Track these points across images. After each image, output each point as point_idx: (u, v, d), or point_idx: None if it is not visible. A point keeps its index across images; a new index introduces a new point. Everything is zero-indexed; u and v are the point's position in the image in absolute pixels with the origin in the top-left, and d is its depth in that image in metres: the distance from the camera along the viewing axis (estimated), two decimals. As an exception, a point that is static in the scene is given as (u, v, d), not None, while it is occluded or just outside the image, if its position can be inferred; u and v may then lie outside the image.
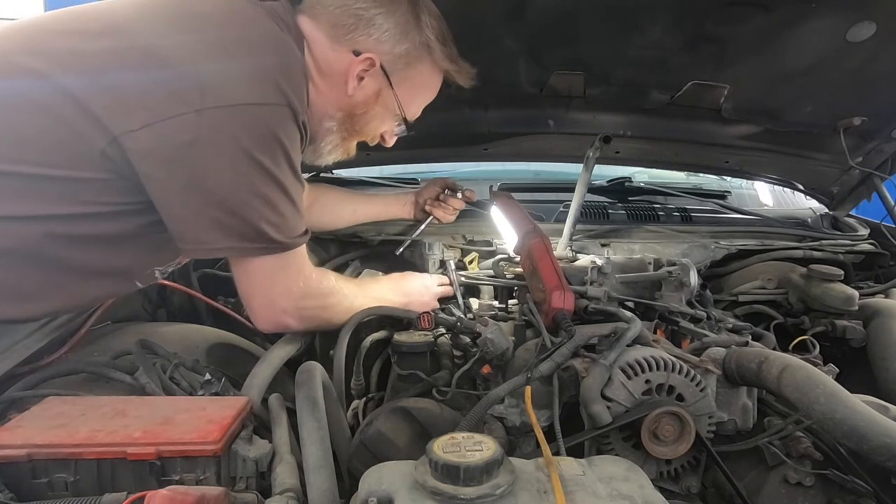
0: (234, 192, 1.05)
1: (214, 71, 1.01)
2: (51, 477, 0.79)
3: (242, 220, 1.07)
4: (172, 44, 1.03)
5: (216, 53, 1.03)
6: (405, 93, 1.29)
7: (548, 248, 1.40)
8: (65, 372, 1.07)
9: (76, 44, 1.04)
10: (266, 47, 1.08)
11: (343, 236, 1.83)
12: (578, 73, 1.72)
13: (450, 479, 0.69)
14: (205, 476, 0.81)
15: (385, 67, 1.23)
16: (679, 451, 0.99)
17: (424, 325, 1.29)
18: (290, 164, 1.10)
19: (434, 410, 1.12)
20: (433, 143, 1.98)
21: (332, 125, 1.28)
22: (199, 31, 1.05)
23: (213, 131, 1.01)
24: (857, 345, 1.51)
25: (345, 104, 1.26)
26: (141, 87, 1.00)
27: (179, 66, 1.01)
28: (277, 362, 1.16)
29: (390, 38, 1.22)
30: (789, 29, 1.49)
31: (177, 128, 0.99)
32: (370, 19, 1.19)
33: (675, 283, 1.42)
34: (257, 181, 1.06)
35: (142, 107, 0.99)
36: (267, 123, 1.04)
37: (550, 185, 2.47)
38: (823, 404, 0.89)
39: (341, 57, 1.21)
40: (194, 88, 1.00)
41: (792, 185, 2.25)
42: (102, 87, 1.00)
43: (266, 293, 1.19)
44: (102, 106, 0.99)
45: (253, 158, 1.03)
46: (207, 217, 1.05)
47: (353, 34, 1.20)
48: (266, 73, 1.05)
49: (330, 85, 1.23)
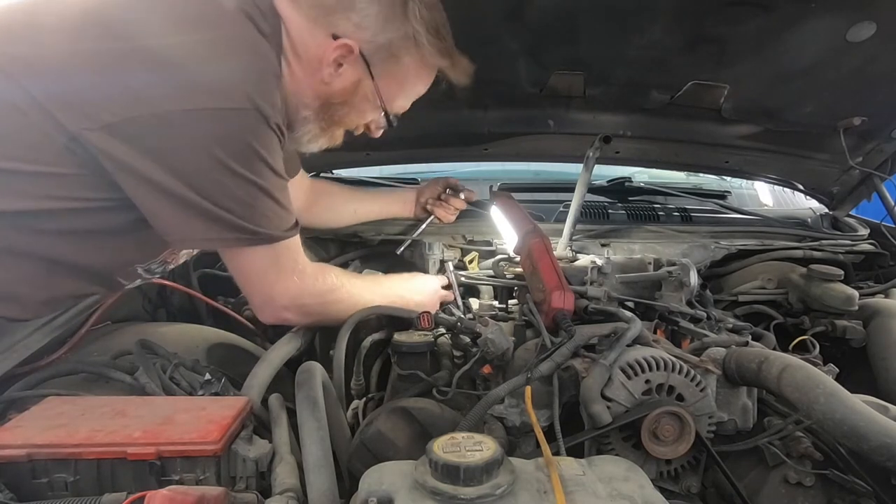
0: (212, 194, 1.03)
1: (176, 73, 0.98)
2: (51, 477, 0.79)
3: (224, 214, 1.05)
4: (135, 45, 0.99)
5: (181, 55, 0.99)
6: (388, 85, 1.22)
7: (548, 248, 1.40)
8: (65, 372, 1.07)
9: (37, 39, 1.01)
10: (234, 49, 1.03)
11: (343, 236, 1.83)
12: (578, 73, 1.72)
13: (450, 479, 0.69)
14: (205, 476, 0.81)
15: (365, 56, 1.16)
16: (679, 451, 0.99)
17: (424, 325, 1.29)
18: (267, 166, 1.07)
19: (434, 410, 1.12)
20: (433, 143, 1.98)
21: (308, 114, 1.22)
22: (165, 30, 1.01)
23: (179, 137, 0.99)
24: (857, 345, 1.51)
25: (321, 92, 1.19)
26: (98, 85, 0.97)
27: (139, 64, 0.98)
28: (277, 362, 1.16)
29: (372, 25, 1.14)
30: (789, 29, 1.49)
31: (139, 129, 0.97)
32: (352, 1, 1.12)
33: (675, 283, 1.42)
34: (233, 185, 1.03)
35: (99, 107, 0.97)
36: (234, 130, 1.02)
37: (550, 185, 2.47)
38: (823, 404, 0.89)
39: (319, 41, 1.14)
40: (154, 89, 0.97)
41: (792, 185, 2.25)
42: (55, 81, 0.97)
43: (263, 290, 1.18)
44: (56, 102, 0.97)
45: (225, 165, 1.01)
46: (185, 212, 1.04)
47: (333, 16, 1.12)
48: (233, 77, 1.01)
49: (306, 70, 1.16)
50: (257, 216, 1.08)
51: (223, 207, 1.04)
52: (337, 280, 1.28)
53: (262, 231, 1.09)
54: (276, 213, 1.11)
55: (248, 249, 1.12)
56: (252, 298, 1.21)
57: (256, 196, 1.07)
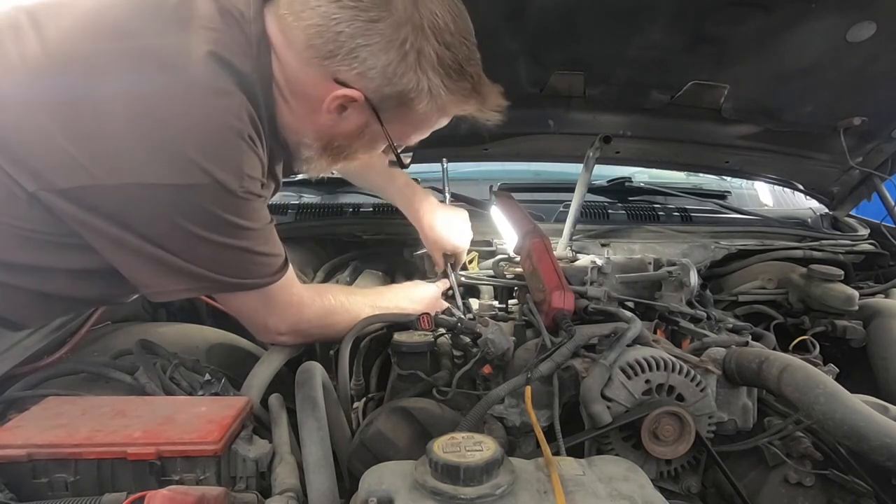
0: (180, 254, 0.97)
1: (130, 144, 0.90)
2: (51, 477, 0.78)
3: (196, 272, 0.99)
4: (86, 100, 0.90)
5: (131, 122, 0.90)
6: (400, 130, 1.11)
7: (548, 248, 1.40)
8: (65, 372, 1.07)
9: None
10: (191, 116, 0.91)
11: (343, 236, 1.83)
12: (578, 73, 1.72)
13: (450, 479, 0.69)
14: (205, 476, 0.81)
15: (372, 103, 1.03)
16: (679, 451, 0.99)
17: (424, 326, 1.29)
18: (238, 227, 0.98)
19: (434, 410, 1.12)
20: (433, 143, 1.98)
21: (309, 154, 1.12)
22: (119, 83, 0.91)
23: (138, 206, 0.92)
24: (857, 345, 1.51)
25: (323, 133, 1.09)
26: (48, 149, 0.90)
27: (90, 131, 0.90)
28: (277, 362, 1.16)
29: (379, 77, 0.99)
30: (789, 29, 1.49)
31: (96, 197, 0.91)
32: (351, 50, 0.97)
33: (675, 283, 1.42)
34: (202, 249, 0.97)
35: (52, 171, 0.90)
36: (195, 202, 0.93)
37: (550, 185, 2.48)
38: (823, 404, 0.89)
39: (314, 80, 1.01)
40: (106, 161, 0.90)
41: (792, 185, 2.25)
42: (15, 147, 0.91)
43: (258, 323, 1.16)
44: (13, 165, 0.91)
45: (191, 232, 0.95)
46: (158, 268, 0.98)
47: (331, 61, 0.98)
48: (185, 152, 0.90)
49: (303, 108, 1.05)
50: (239, 271, 1.03)
51: (199, 266, 0.99)
52: (335, 300, 1.24)
53: (246, 282, 1.05)
54: (257, 263, 1.05)
55: (236, 294, 1.08)
56: (249, 328, 1.19)
57: (233, 255, 1.00)
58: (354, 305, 1.28)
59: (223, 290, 1.07)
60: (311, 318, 1.20)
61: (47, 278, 1.02)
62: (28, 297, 1.04)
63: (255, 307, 1.12)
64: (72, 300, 1.11)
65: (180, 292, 1.02)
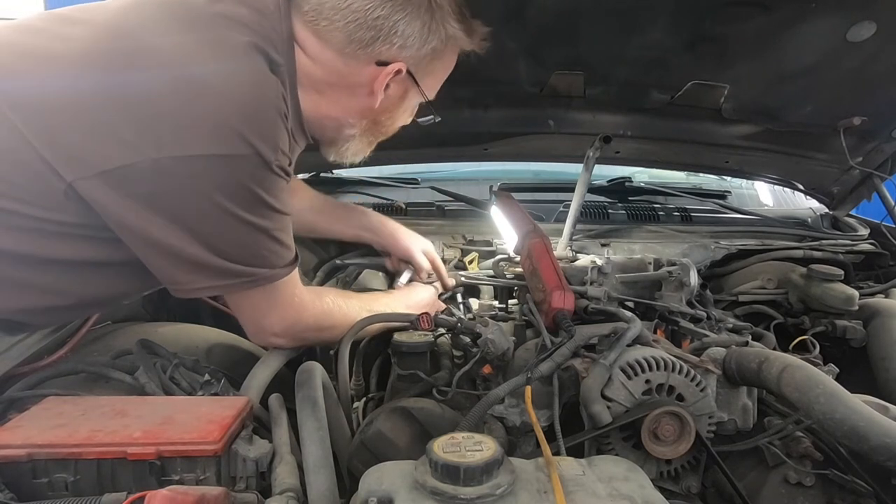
0: (209, 238, 1.00)
1: (174, 117, 0.94)
2: (51, 477, 0.79)
3: (221, 262, 1.02)
4: (131, 81, 0.95)
5: (177, 96, 0.95)
6: (429, 83, 1.22)
7: (548, 248, 1.40)
8: (65, 372, 1.07)
9: (28, 67, 0.97)
10: (234, 90, 0.97)
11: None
12: (578, 72, 1.72)
13: (450, 479, 0.69)
14: (205, 476, 0.81)
15: (412, 71, 1.15)
16: (679, 451, 0.99)
17: (424, 326, 1.29)
18: (267, 206, 1.03)
19: (434, 410, 1.12)
20: (433, 143, 1.98)
21: (354, 132, 1.22)
22: (162, 67, 0.96)
23: (175, 182, 0.95)
24: (857, 345, 1.51)
25: (368, 112, 1.19)
26: (93, 128, 0.93)
27: (136, 107, 0.94)
28: (277, 363, 1.16)
29: (416, 42, 1.11)
30: (789, 29, 1.49)
31: (136, 176, 0.94)
32: (391, 28, 1.08)
33: (675, 283, 1.42)
34: (231, 227, 1.01)
35: (94, 152, 0.93)
36: (234, 174, 0.98)
37: (550, 185, 2.47)
38: (823, 404, 0.89)
39: (359, 69, 1.12)
40: (151, 134, 0.93)
41: (792, 185, 2.25)
42: (51, 125, 0.94)
43: (256, 321, 1.17)
44: (52, 148, 0.93)
45: (223, 208, 0.98)
46: (183, 262, 1.01)
47: (374, 46, 1.09)
48: (230, 121, 0.95)
49: (348, 96, 1.15)
50: (257, 258, 1.06)
51: (223, 255, 1.02)
52: (332, 303, 1.25)
53: (261, 272, 1.07)
54: (275, 251, 1.08)
55: (247, 291, 1.10)
56: (246, 328, 1.19)
57: (256, 238, 1.04)
58: (351, 309, 1.27)
59: (241, 286, 1.08)
60: (308, 322, 1.19)
61: (64, 274, 1.04)
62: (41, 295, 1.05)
63: (258, 303, 1.13)
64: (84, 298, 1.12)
65: (204, 290, 1.06)
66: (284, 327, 1.17)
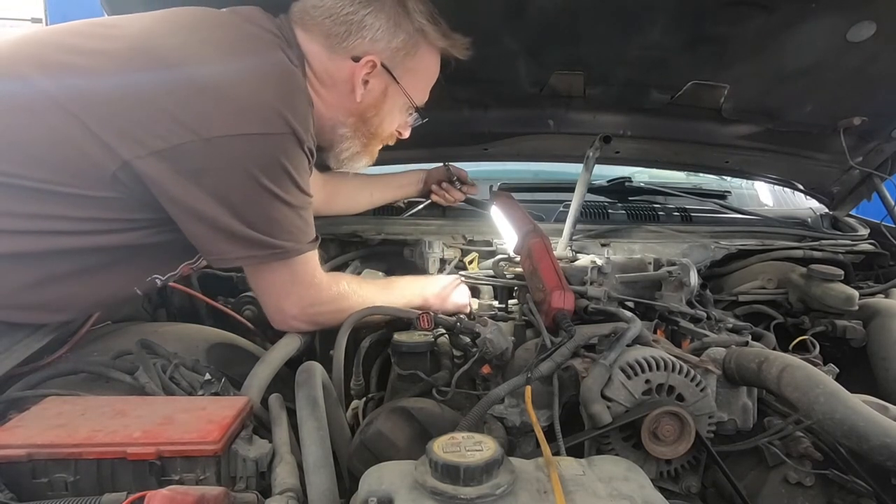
0: (244, 212, 1.10)
1: (222, 101, 1.05)
2: (51, 477, 0.78)
3: (253, 234, 1.12)
4: (182, 72, 1.06)
5: (223, 83, 1.06)
6: (410, 82, 1.31)
7: (548, 248, 1.40)
8: (65, 372, 1.07)
9: (85, 63, 1.06)
10: (275, 76, 1.12)
11: (343, 236, 1.83)
12: (578, 72, 1.72)
13: (450, 479, 0.69)
14: (205, 476, 0.81)
15: (386, 65, 1.26)
16: (679, 451, 0.99)
17: (424, 326, 1.29)
18: (295, 185, 1.14)
19: (434, 410, 1.12)
20: (433, 143, 1.98)
21: (345, 131, 1.32)
22: (208, 59, 1.08)
23: (221, 159, 1.06)
24: (857, 345, 1.51)
25: (355, 109, 1.29)
26: (150, 113, 1.03)
27: (188, 93, 1.05)
28: (277, 362, 1.16)
29: (384, 35, 1.23)
30: (789, 29, 1.49)
31: (186, 154, 1.04)
32: (360, 22, 1.21)
33: (675, 283, 1.42)
34: (265, 202, 1.11)
35: (151, 134, 1.03)
36: (272, 151, 1.09)
37: (550, 185, 2.47)
38: (823, 404, 0.89)
39: (340, 65, 1.24)
40: (202, 117, 1.04)
41: (792, 185, 2.25)
42: (110, 112, 1.03)
43: (277, 300, 1.24)
44: (111, 132, 1.02)
45: (260, 183, 1.08)
46: (221, 233, 1.11)
47: (348, 41, 1.22)
48: (271, 102, 1.08)
49: (335, 94, 1.27)
50: (284, 232, 1.15)
51: (255, 228, 1.12)
52: (348, 287, 1.31)
53: (286, 245, 1.16)
54: (299, 228, 1.18)
55: (272, 264, 1.18)
56: (266, 307, 1.27)
57: (283, 212, 1.14)
58: (367, 293, 1.34)
59: (268, 258, 1.16)
60: (325, 302, 1.27)
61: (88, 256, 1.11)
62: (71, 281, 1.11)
63: (280, 281, 1.21)
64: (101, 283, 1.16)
65: (236, 260, 1.15)
66: (302, 307, 1.24)
